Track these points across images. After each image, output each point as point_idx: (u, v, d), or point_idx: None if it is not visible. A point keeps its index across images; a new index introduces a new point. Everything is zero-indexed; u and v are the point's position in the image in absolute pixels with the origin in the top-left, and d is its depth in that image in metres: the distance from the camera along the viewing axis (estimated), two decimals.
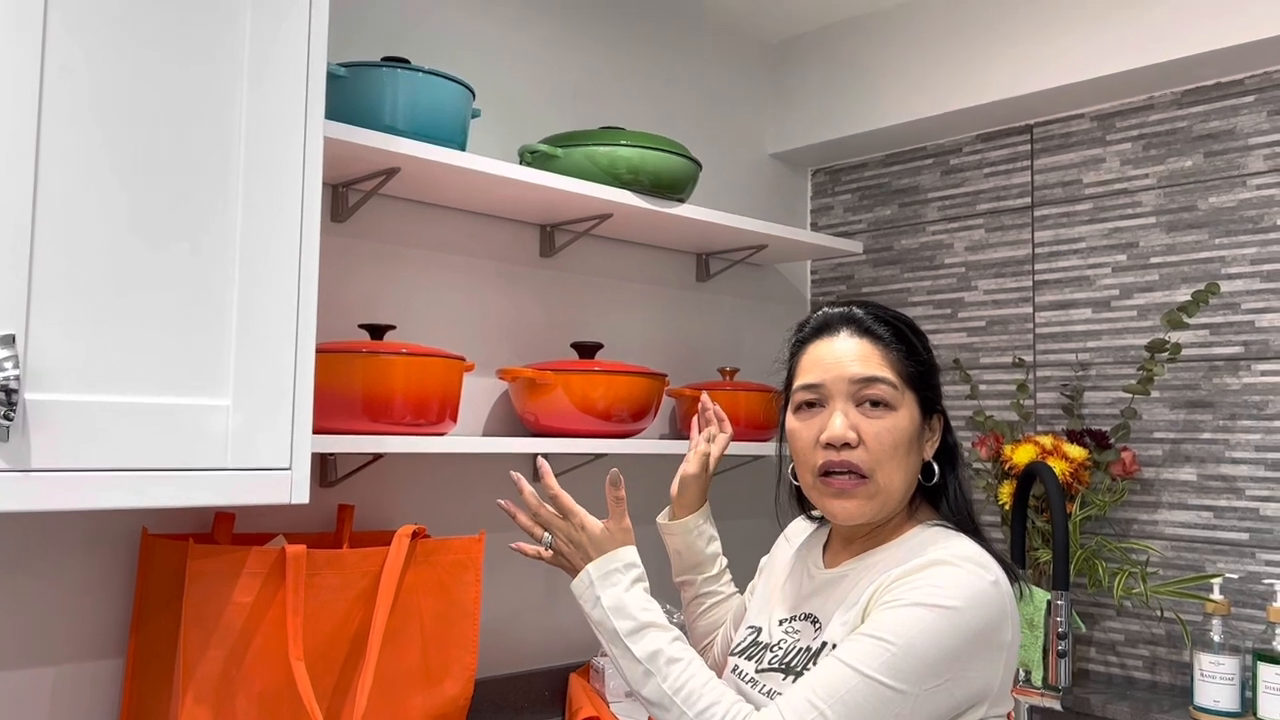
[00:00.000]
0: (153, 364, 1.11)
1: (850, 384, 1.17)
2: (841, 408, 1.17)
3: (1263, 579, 1.81)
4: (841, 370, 1.17)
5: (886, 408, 1.16)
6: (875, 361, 1.17)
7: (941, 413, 1.23)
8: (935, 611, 1.04)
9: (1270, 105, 1.86)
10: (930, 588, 1.06)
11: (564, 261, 2.05)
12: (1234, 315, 1.88)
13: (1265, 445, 1.83)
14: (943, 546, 1.12)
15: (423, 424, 1.57)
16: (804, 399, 1.20)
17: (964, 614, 1.05)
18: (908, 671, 1.03)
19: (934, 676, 1.03)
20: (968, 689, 1.05)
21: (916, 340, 1.21)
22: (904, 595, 1.07)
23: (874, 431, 1.15)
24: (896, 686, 1.02)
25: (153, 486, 1.11)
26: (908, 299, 2.37)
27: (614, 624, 1.16)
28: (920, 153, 2.38)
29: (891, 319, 1.22)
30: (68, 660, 1.43)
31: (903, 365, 1.18)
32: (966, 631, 1.05)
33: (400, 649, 1.49)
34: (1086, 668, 2.02)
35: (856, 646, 1.05)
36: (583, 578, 1.21)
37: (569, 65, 2.09)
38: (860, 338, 1.19)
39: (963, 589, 1.06)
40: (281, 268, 1.21)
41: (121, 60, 1.10)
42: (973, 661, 1.05)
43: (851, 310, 1.23)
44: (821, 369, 1.19)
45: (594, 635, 2.01)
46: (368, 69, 1.55)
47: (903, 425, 1.16)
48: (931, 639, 1.03)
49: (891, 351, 1.18)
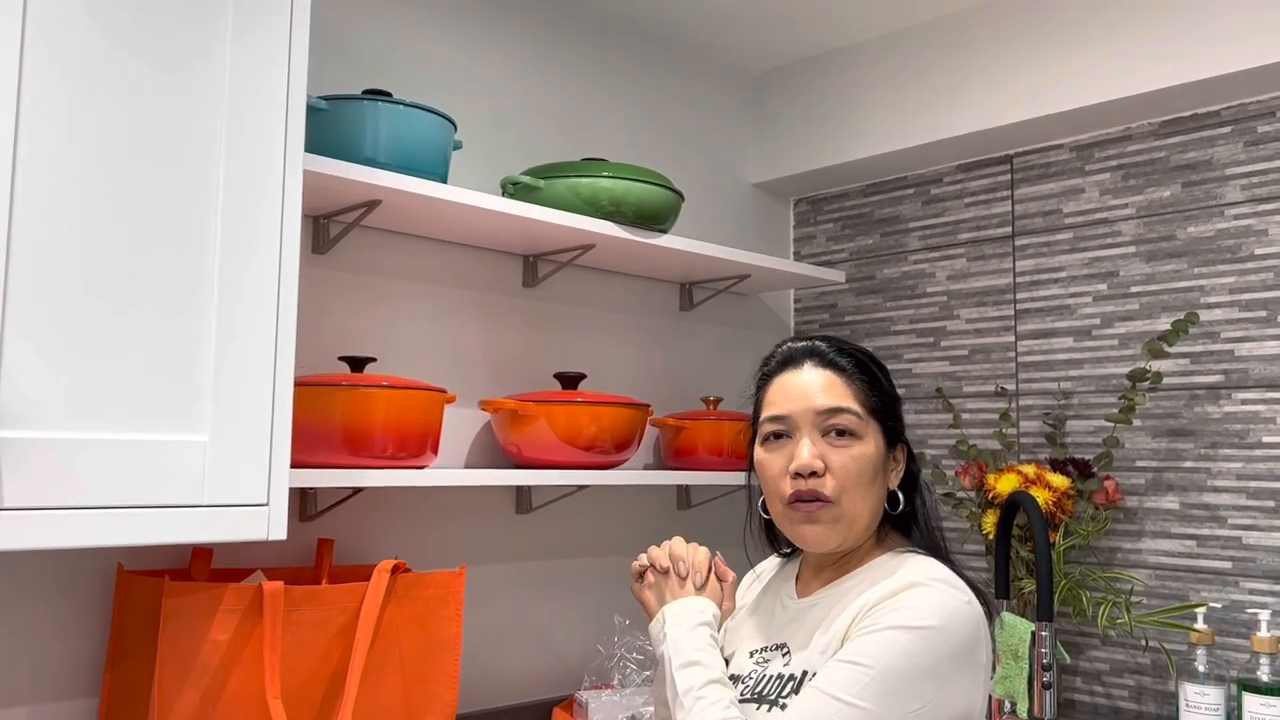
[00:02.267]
0: (128, 400, 1.10)
1: (816, 414, 1.19)
2: (809, 437, 1.19)
3: (1246, 608, 1.81)
4: (807, 401, 1.19)
5: (852, 437, 1.18)
6: (839, 392, 1.20)
7: (905, 443, 1.26)
8: (912, 633, 1.05)
9: (1246, 136, 1.88)
10: (905, 610, 1.07)
11: (547, 292, 2.05)
12: (1214, 344, 1.89)
13: (1246, 474, 1.83)
14: (914, 569, 1.13)
15: (404, 457, 1.55)
16: (771, 430, 1.22)
17: (941, 633, 1.06)
18: (887, 694, 1.03)
19: (915, 698, 1.04)
20: (949, 711, 1.06)
21: (879, 372, 1.24)
22: (880, 619, 1.08)
23: (840, 461, 1.17)
24: (876, 710, 1.03)
25: (128, 524, 1.10)
26: (890, 328, 2.37)
27: (671, 656, 1.16)
28: (901, 182, 2.39)
29: (853, 351, 1.25)
30: (41, 700, 1.41)
31: (866, 396, 1.21)
32: (944, 650, 1.05)
33: (380, 685, 1.47)
34: (1072, 698, 2.01)
35: (835, 673, 1.06)
36: (658, 618, 1.22)
37: (550, 97, 2.10)
38: (824, 369, 1.22)
39: (938, 608, 1.07)
40: (260, 300, 1.21)
41: (99, 92, 1.10)
42: (953, 681, 1.06)
43: (814, 344, 1.25)
44: (788, 401, 1.21)
45: (578, 669, 2.01)
46: (348, 102, 1.55)
47: (868, 454, 1.18)
48: (909, 660, 1.04)
49: (855, 382, 1.21)
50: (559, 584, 2.03)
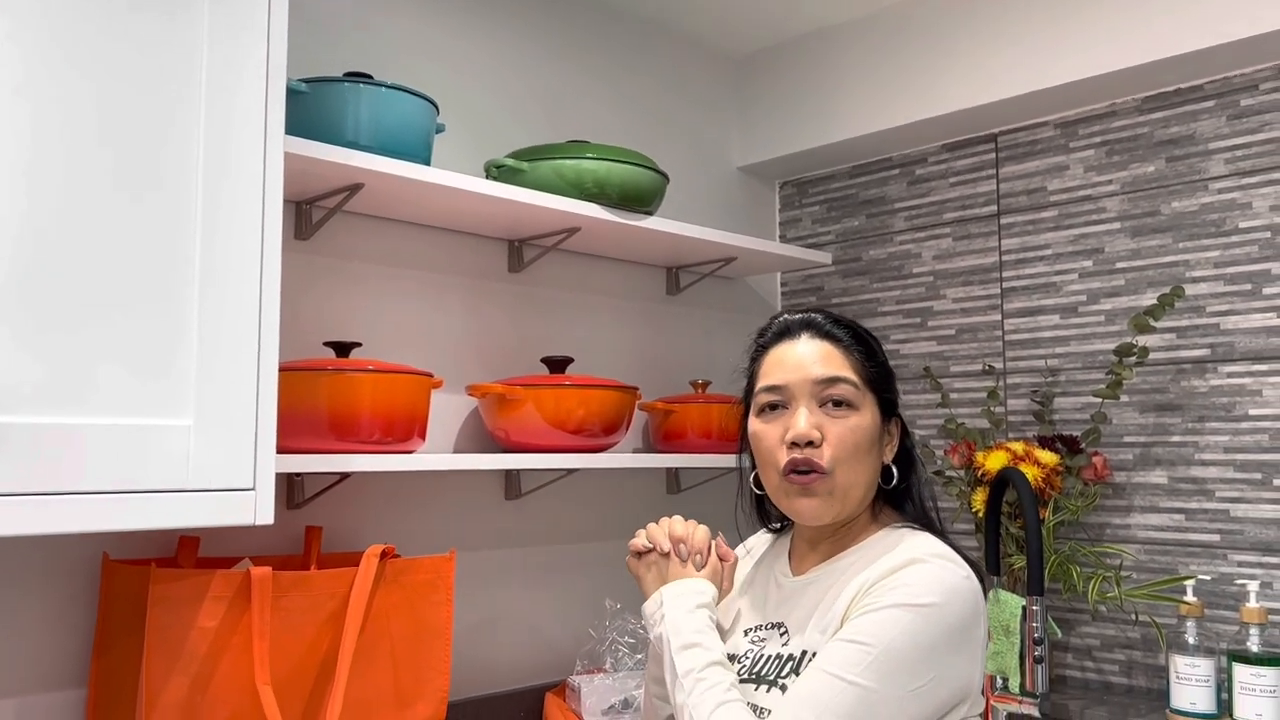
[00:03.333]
0: (109, 384, 1.09)
1: (813, 384, 1.18)
2: (805, 407, 1.18)
3: (1235, 580, 1.81)
4: (805, 371, 1.19)
5: (849, 407, 1.18)
6: (837, 362, 1.19)
7: (899, 417, 1.25)
8: (912, 611, 1.05)
9: (1229, 110, 1.88)
10: (905, 587, 1.07)
11: (533, 276, 2.04)
12: (1199, 319, 1.89)
13: (1234, 446, 1.84)
14: (912, 545, 1.13)
15: (391, 442, 1.54)
16: (767, 401, 1.22)
17: (942, 609, 1.06)
18: (890, 673, 1.03)
19: (916, 677, 1.04)
20: (950, 687, 1.06)
21: (874, 344, 1.24)
22: (880, 598, 1.07)
23: (837, 431, 1.17)
24: (880, 689, 1.03)
25: (112, 510, 1.08)
26: (877, 309, 2.37)
27: (670, 638, 1.16)
28: (886, 163, 2.39)
29: (849, 324, 1.25)
30: (27, 691, 1.39)
31: (862, 367, 1.20)
32: (945, 627, 1.05)
33: (370, 671, 1.46)
34: (1063, 674, 2.02)
35: (836, 653, 1.06)
36: (654, 599, 1.21)
37: (534, 80, 2.09)
38: (821, 340, 1.22)
39: (938, 585, 1.07)
40: (242, 284, 1.19)
41: (76, 76, 1.08)
42: (953, 657, 1.06)
43: (810, 315, 1.25)
44: (784, 371, 1.20)
45: (569, 654, 2.00)
46: (329, 84, 1.54)
47: (864, 425, 1.18)
48: (910, 638, 1.04)
49: (852, 353, 1.21)
50: (550, 570, 2.02)
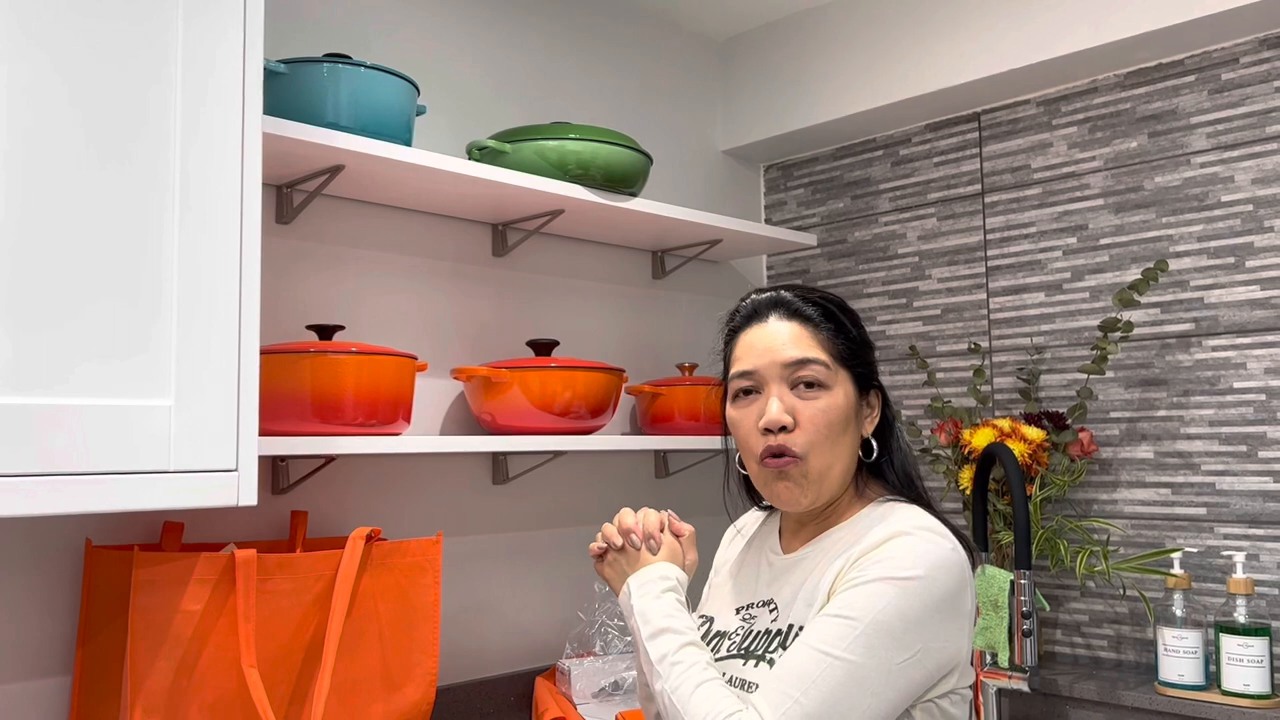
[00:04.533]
0: (88, 365, 1.08)
1: (783, 368, 1.17)
2: (777, 392, 1.17)
3: (1221, 552, 1.82)
4: (774, 355, 1.18)
5: (821, 388, 1.17)
6: (806, 343, 1.18)
7: (879, 388, 1.24)
8: (898, 584, 1.05)
9: (1210, 84, 1.88)
10: (891, 560, 1.06)
11: (517, 261, 2.03)
12: (1183, 293, 1.90)
13: (1219, 420, 1.85)
14: (898, 518, 1.12)
15: (375, 424, 1.54)
16: (740, 386, 1.21)
17: (926, 582, 1.05)
18: (877, 647, 1.03)
19: (903, 649, 1.03)
20: (938, 659, 1.06)
21: (845, 318, 1.22)
22: (866, 571, 1.07)
23: (809, 413, 1.16)
24: (866, 663, 1.02)
25: (94, 491, 1.07)
26: (863, 290, 2.37)
27: (640, 628, 1.15)
28: (870, 145, 2.38)
29: (820, 299, 1.22)
30: (11, 679, 1.38)
31: (833, 344, 1.19)
32: (930, 599, 1.05)
33: (358, 654, 1.45)
34: (1052, 650, 2.02)
35: (823, 628, 1.05)
36: (623, 593, 1.21)
37: (515, 64, 2.08)
38: (789, 320, 1.20)
39: (923, 557, 1.07)
40: (221, 262, 1.18)
41: (48, 54, 1.07)
42: (940, 629, 1.06)
43: (779, 294, 1.23)
44: (754, 355, 1.20)
45: (560, 636, 2.00)
46: (308, 65, 1.53)
47: (838, 404, 1.17)
48: (896, 611, 1.04)
49: (821, 331, 1.19)
50: (538, 554, 2.02)
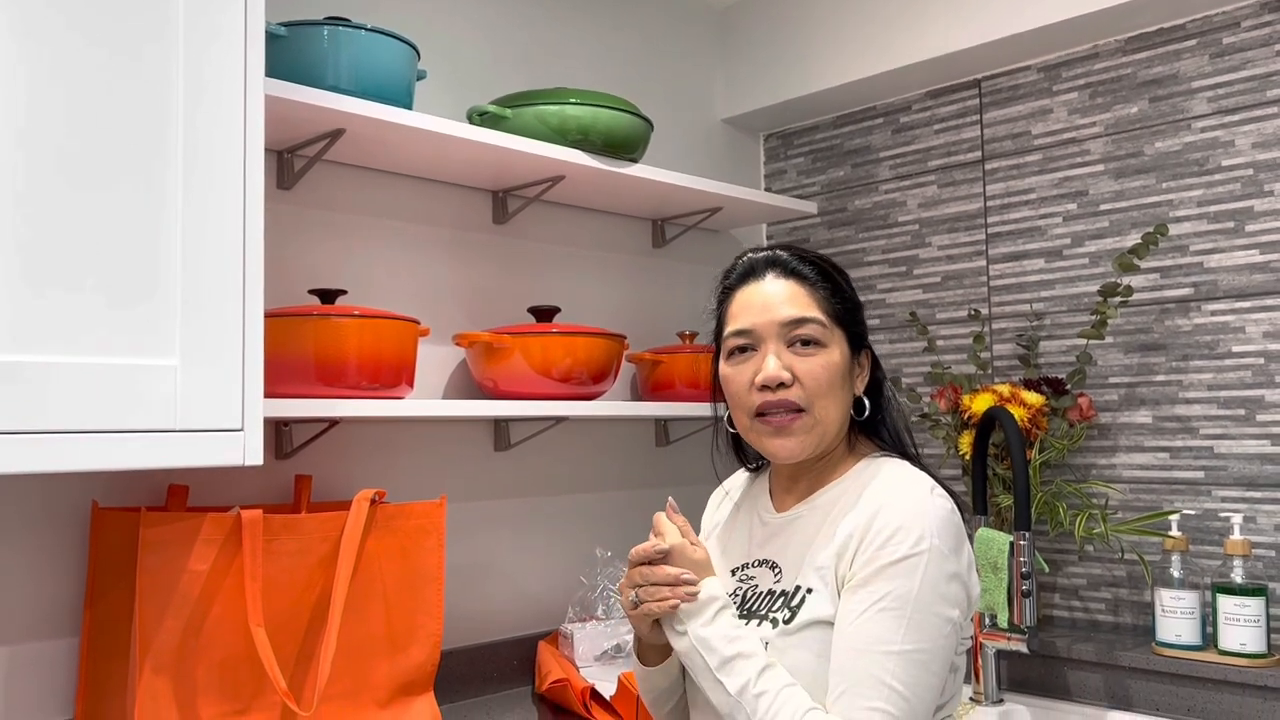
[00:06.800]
0: (92, 323, 1.08)
1: (781, 326, 1.18)
2: (774, 349, 1.18)
3: (1219, 514, 1.83)
4: (771, 314, 1.19)
5: (818, 345, 1.18)
6: (803, 301, 1.19)
7: (869, 348, 1.26)
8: (917, 561, 1.07)
9: (1211, 49, 1.88)
10: (900, 538, 1.09)
11: (517, 228, 2.03)
12: (1183, 258, 1.90)
13: (1217, 384, 1.85)
14: (891, 485, 1.15)
15: (378, 388, 1.54)
16: (736, 344, 1.22)
17: (939, 545, 1.09)
18: (926, 624, 1.06)
19: (946, 617, 1.08)
20: (965, 607, 1.12)
21: (840, 279, 1.24)
22: (884, 555, 1.09)
23: (807, 369, 1.17)
24: (923, 645, 1.06)
25: (100, 449, 1.08)
26: (863, 258, 2.37)
27: (703, 658, 1.13)
28: (870, 112, 2.38)
29: (815, 259, 1.24)
30: (20, 640, 1.39)
31: (829, 304, 1.20)
32: (946, 560, 1.09)
33: (363, 615, 1.47)
34: (1051, 613, 2.04)
35: (871, 629, 1.06)
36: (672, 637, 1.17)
37: (516, 31, 2.07)
38: (786, 279, 1.21)
39: (930, 524, 1.09)
40: (225, 226, 1.18)
41: (50, 16, 1.07)
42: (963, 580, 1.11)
43: (775, 253, 1.24)
44: (751, 313, 1.20)
45: (562, 601, 2.01)
46: (308, 28, 1.52)
47: (835, 361, 1.18)
48: (928, 585, 1.07)
49: (818, 291, 1.20)
50: (540, 520, 2.03)
